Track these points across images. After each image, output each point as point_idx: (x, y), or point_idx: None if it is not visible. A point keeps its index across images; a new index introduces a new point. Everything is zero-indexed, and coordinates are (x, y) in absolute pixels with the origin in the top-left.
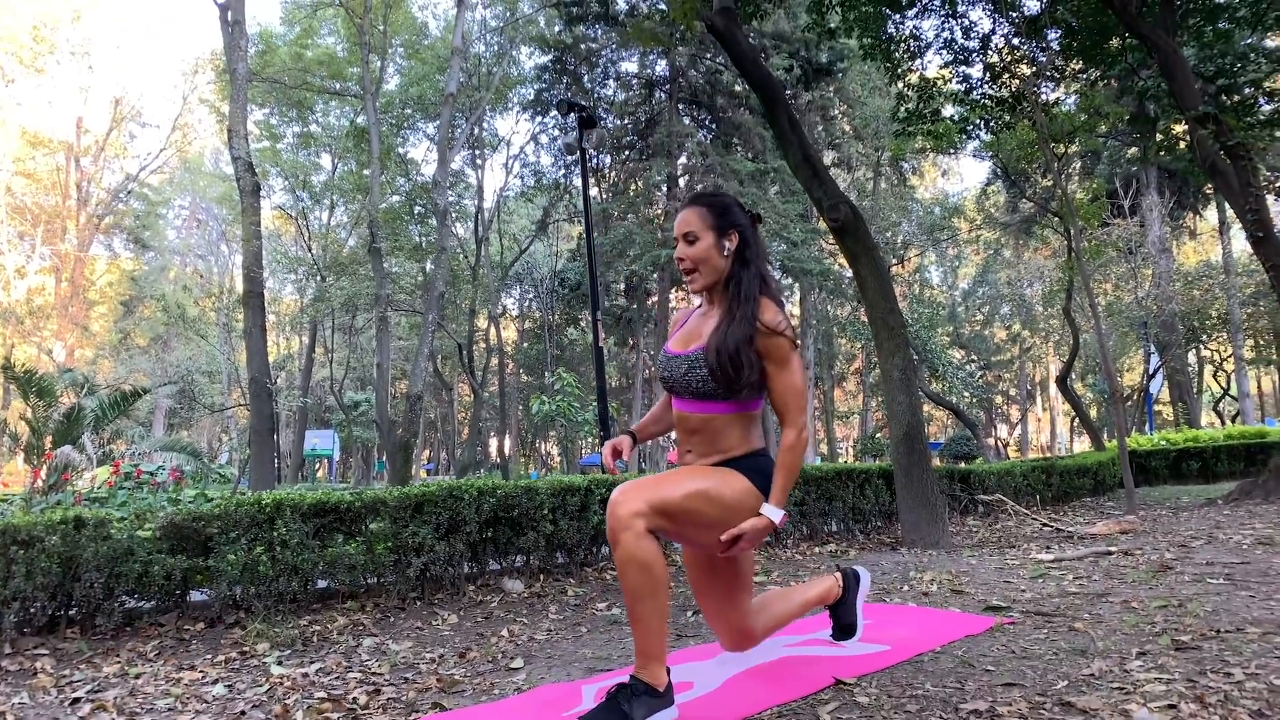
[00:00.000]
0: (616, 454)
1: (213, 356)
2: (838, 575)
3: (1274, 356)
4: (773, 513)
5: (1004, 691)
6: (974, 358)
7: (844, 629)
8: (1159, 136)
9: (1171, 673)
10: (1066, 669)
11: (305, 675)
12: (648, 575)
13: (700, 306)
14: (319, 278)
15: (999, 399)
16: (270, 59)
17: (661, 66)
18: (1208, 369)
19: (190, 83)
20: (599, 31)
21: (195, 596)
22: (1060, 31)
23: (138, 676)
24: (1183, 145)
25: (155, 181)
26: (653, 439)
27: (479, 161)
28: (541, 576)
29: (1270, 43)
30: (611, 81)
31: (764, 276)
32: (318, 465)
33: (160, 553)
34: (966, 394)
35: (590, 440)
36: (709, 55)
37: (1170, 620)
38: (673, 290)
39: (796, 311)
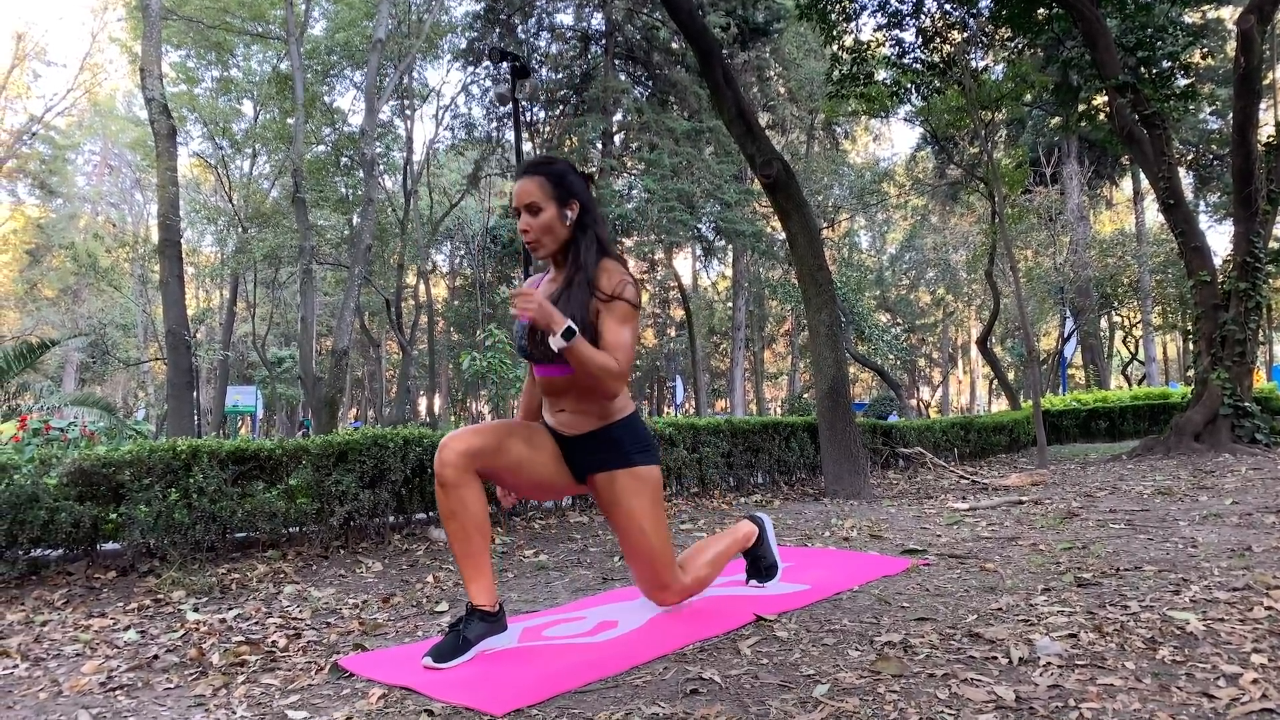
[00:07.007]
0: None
1: (127, 309)
2: (748, 521)
3: (1179, 323)
4: (566, 329)
5: (917, 625)
6: (899, 321)
7: (766, 570)
8: (1081, 107)
9: (1073, 606)
10: (976, 604)
11: (223, 621)
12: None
13: (548, 273)
14: (240, 229)
15: (922, 361)
16: None
17: (598, 20)
18: (1118, 334)
19: (100, 20)
20: None
21: (109, 546)
22: None
23: (44, 624)
24: (1102, 116)
25: (62, 124)
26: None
27: (408, 112)
28: None
29: (1188, 17)
30: (546, 33)
31: (601, 240)
32: (240, 422)
33: (68, 499)
34: (891, 356)
35: None
36: (646, 10)
37: (1074, 560)
38: None
39: (729, 273)
